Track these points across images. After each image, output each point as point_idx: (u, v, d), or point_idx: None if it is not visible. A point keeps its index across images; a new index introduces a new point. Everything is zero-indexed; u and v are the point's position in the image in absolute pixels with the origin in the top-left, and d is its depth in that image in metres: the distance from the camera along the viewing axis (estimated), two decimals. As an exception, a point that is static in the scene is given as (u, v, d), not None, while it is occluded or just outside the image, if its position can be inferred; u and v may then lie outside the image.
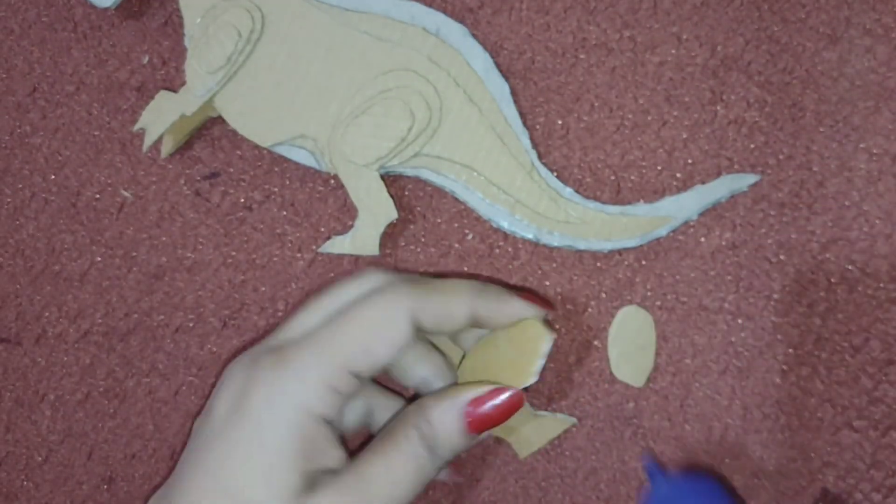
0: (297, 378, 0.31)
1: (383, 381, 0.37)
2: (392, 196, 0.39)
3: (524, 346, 0.36)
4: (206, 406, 0.33)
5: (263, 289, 0.41)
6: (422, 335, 0.34)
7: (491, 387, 0.33)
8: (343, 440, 0.33)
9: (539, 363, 0.34)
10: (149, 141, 0.40)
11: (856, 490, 0.39)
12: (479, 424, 0.32)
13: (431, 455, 0.32)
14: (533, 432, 0.40)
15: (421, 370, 0.35)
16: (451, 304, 0.33)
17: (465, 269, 0.41)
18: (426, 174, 0.40)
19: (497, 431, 0.40)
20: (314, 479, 0.31)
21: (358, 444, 0.35)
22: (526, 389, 0.33)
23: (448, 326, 0.33)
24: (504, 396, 0.32)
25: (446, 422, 0.32)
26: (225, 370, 0.33)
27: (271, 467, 0.30)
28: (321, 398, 0.31)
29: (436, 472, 0.32)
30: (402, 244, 0.41)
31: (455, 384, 0.35)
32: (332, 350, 0.32)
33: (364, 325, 0.32)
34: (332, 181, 0.41)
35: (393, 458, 0.32)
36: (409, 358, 0.35)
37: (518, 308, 0.34)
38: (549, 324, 0.35)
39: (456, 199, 0.41)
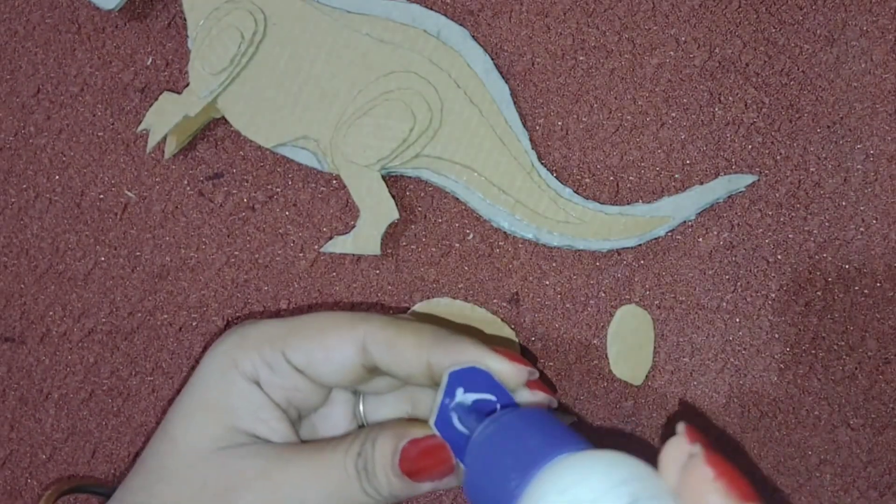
0: (237, 339, 0.33)
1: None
2: (393, 196, 0.40)
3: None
4: None
5: (266, 288, 0.42)
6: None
7: (429, 434, 0.30)
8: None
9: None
10: (152, 142, 0.41)
11: (852, 487, 0.39)
12: (408, 466, 0.30)
13: (361, 478, 0.30)
14: None
15: (377, 412, 0.34)
16: (402, 341, 0.31)
17: (466, 268, 0.41)
18: (427, 175, 0.40)
19: None
20: (240, 440, 0.32)
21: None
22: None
23: (400, 366, 0.31)
24: (430, 443, 0.30)
25: (385, 450, 0.30)
26: None
27: (198, 410, 0.32)
28: (251, 361, 0.32)
29: (369, 501, 0.30)
30: (404, 244, 0.41)
31: (422, 421, 0.32)
32: (277, 331, 0.33)
33: (313, 327, 0.32)
34: (335, 182, 0.42)
35: (321, 460, 0.31)
36: (372, 400, 0.35)
37: (482, 360, 0.30)
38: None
39: (457, 200, 0.41)
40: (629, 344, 0.40)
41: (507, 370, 0.30)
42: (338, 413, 0.35)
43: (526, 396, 0.31)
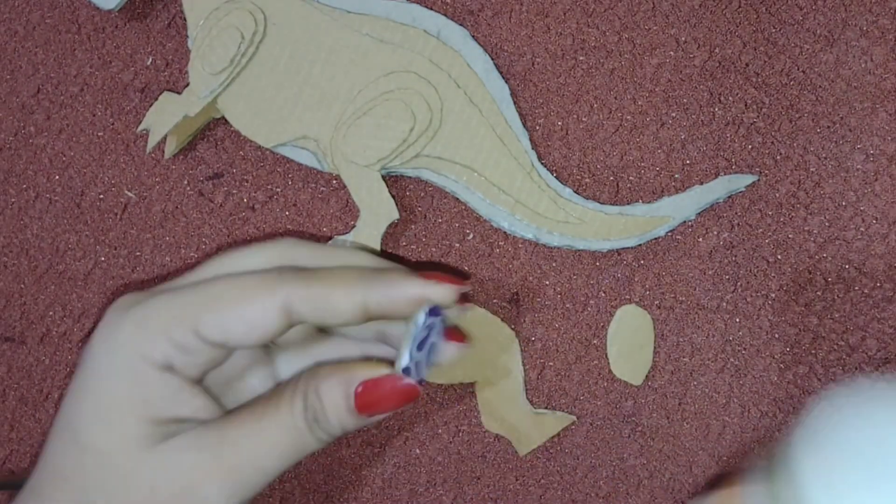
0: (137, 324, 0.30)
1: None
2: (393, 196, 0.40)
3: (489, 345, 0.40)
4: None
5: (266, 288, 0.42)
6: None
7: (386, 372, 0.30)
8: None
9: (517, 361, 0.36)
10: (153, 142, 0.41)
11: (852, 487, 0.39)
12: (369, 407, 0.30)
13: (312, 429, 0.30)
14: (533, 430, 0.40)
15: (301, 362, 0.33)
16: (332, 294, 0.30)
17: (466, 268, 0.41)
18: (427, 175, 0.40)
19: (496, 429, 0.40)
20: (168, 430, 0.30)
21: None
22: (420, 382, 0.30)
23: (333, 317, 0.30)
24: (399, 385, 0.30)
25: (335, 398, 0.30)
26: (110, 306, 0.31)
27: (110, 413, 0.29)
28: (160, 349, 0.30)
29: (319, 447, 0.30)
30: (404, 244, 0.41)
31: (353, 360, 0.32)
32: (183, 307, 0.30)
33: (225, 297, 0.30)
34: (335, 182, 0.42)
35: (267, 425, 0.30)
36: (296, 349, 0.33)
37: (416, 290, 0.30)
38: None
39: (457, 200, 0.41)
40: (629, 344, 0.40)
41: (441, 294, 0.30)
42: (254, 376, 0.33)
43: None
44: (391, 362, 0.30)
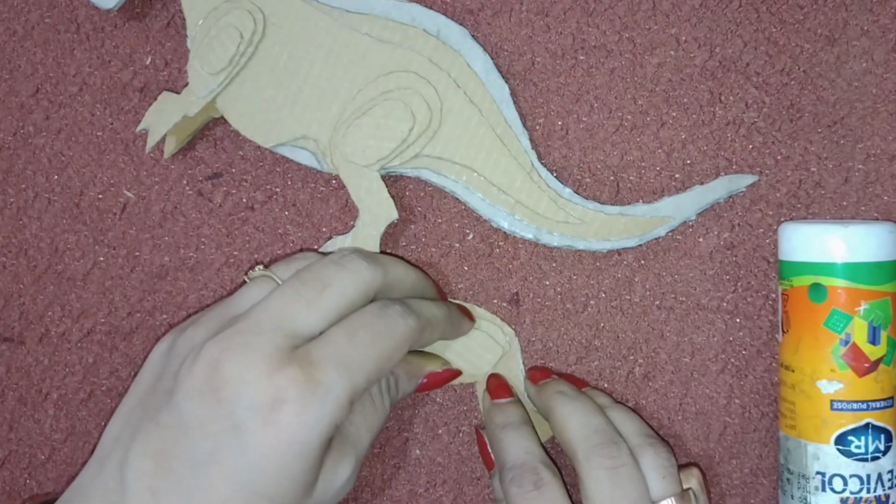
0: None
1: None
2: (393, 196, 0.40)
3: (489, 345, 0.41)
4: None
5: (265, 288, 0.42)
6: None
7: (445, 368, 0.39)
8: None
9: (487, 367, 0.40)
10: (152, 142, 0.41)
11: (853, 488, 0.39)
12: (426, 389, 0.39)
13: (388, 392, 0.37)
14: (543, 422, 0.40)
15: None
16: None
17: (466, 268, 0.41)
18: (427, 175, 0.40)
19: None
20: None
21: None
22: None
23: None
24: (449, 376, 0.40)
25: (407, 383, 0.38)
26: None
27: None
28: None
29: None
30: (403, 244, 0.41)
31: (422, 355, 0.40)
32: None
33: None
34: (334, 182, 0.42)
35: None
36: None
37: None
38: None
39: (456, 200, 0.41)
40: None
41: None
42: None
43: None
44: None
